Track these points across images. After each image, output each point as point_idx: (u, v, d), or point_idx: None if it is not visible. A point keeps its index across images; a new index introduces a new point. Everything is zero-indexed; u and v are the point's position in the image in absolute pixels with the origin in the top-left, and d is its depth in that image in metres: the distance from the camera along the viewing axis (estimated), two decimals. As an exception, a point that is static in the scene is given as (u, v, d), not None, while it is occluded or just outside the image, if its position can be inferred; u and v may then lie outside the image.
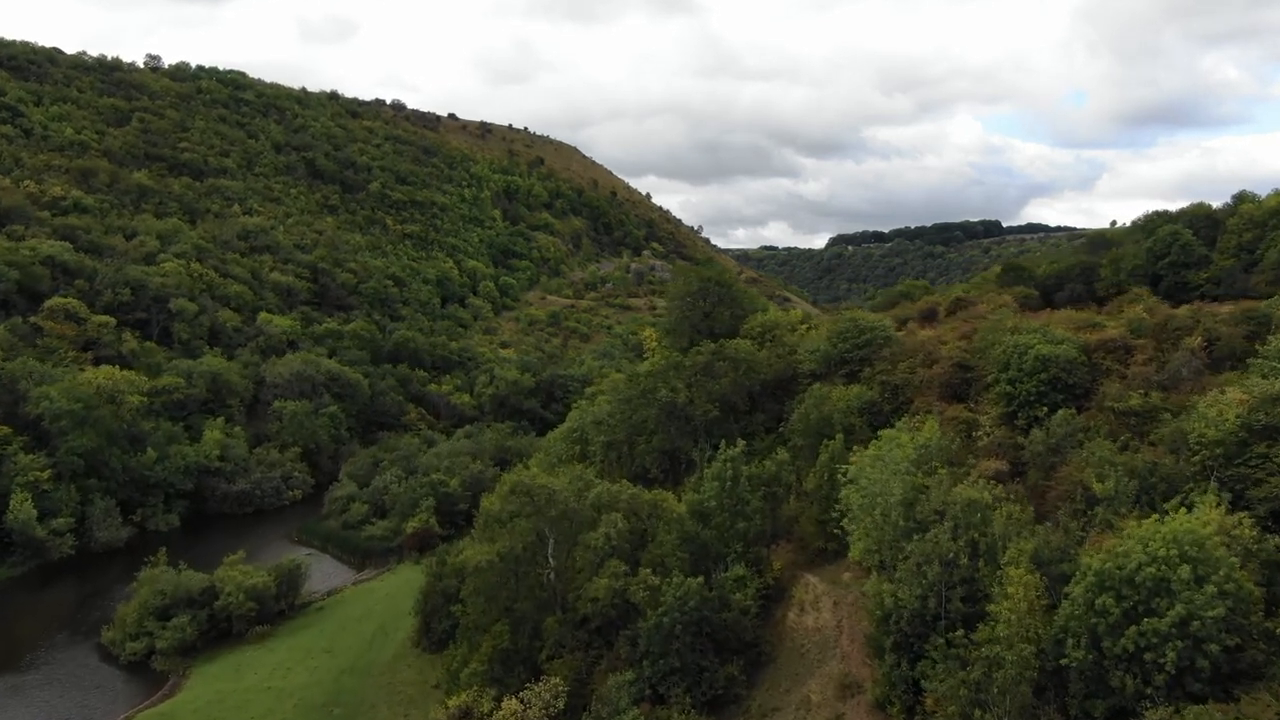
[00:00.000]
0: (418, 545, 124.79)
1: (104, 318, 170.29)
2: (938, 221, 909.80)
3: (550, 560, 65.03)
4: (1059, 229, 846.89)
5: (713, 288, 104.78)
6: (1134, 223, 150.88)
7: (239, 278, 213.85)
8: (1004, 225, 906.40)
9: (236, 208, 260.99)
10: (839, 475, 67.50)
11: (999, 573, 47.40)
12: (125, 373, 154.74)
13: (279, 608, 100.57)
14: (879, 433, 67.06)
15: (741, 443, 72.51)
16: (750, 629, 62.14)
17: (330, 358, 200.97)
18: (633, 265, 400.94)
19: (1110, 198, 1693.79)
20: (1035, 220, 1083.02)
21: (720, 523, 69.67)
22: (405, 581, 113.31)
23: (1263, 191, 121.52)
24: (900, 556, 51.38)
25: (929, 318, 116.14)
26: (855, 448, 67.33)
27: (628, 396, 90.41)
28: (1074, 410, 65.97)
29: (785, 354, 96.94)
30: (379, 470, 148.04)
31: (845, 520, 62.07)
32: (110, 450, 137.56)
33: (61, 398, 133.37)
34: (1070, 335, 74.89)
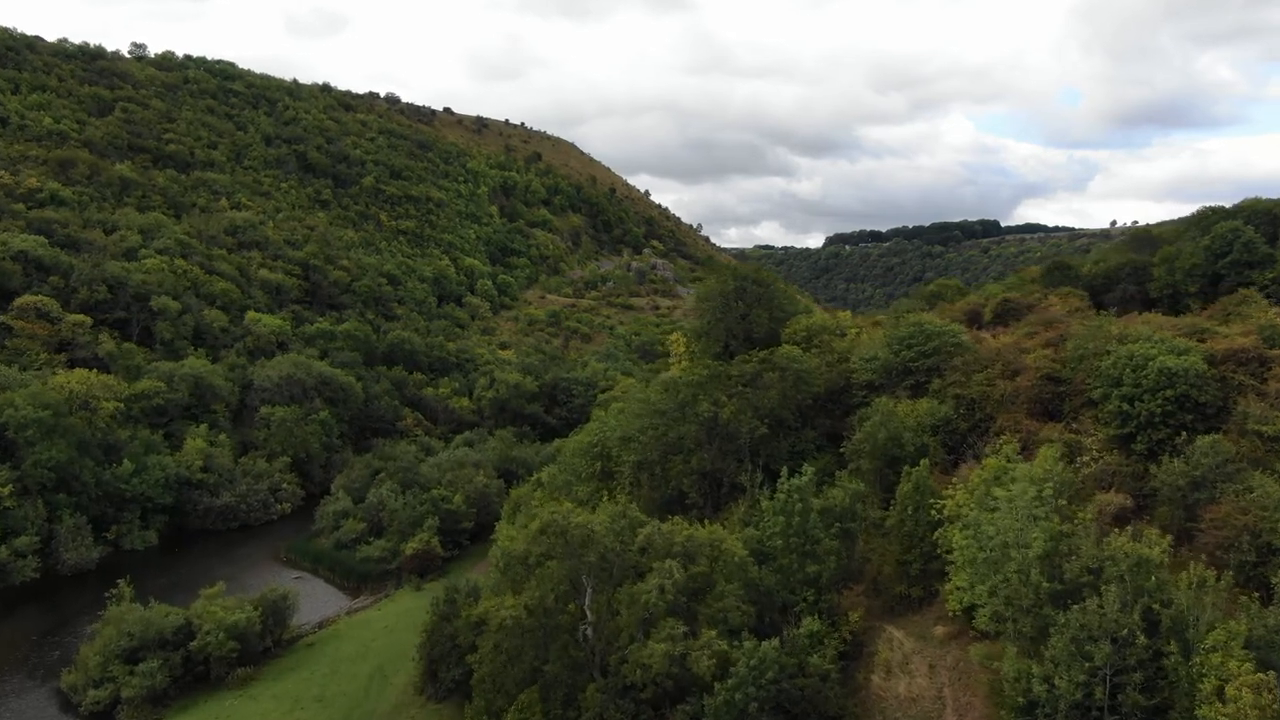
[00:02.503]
0: (418, 568, 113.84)
1: (79, 317, 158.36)
2: (932, 221, 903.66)
3: (588, 614, 54.07)
4: (1058, 229, 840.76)
5: (750, 287, 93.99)
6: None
7: (226, 275, 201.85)
8: (1002, 225, 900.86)
9: (224, 202, 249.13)
10: (931, 511, 56.86)
11: (1195, 660, 36.69)
12: (101, 376, 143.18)
13: (264, 645, 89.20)
14: (983, 461, 56.27)
15: (809, 469, 61.63)
16: (834, 700, 51.29)
17: (322, 359, 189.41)
18: (633, 264, 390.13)
19: (1103, 198, 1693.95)
20: (1028, 220, 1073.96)
21: (786, 565, 58.90)
22: (405, 611, 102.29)
23: (1255, 195, 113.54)
24: (1053, 628, 40.50)
25: (974, 321, 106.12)
26: (953, 480, 56.51)
27: (662, 410, 79.47)
28: (1217, 435, 55.20)
29: (835, 362, 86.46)
30: (375, 483, 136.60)
31: (955, 574, 51.23)
32: (82, 462, 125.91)
33: (27, 405, 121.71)
34: (1191, 345, 64.31)
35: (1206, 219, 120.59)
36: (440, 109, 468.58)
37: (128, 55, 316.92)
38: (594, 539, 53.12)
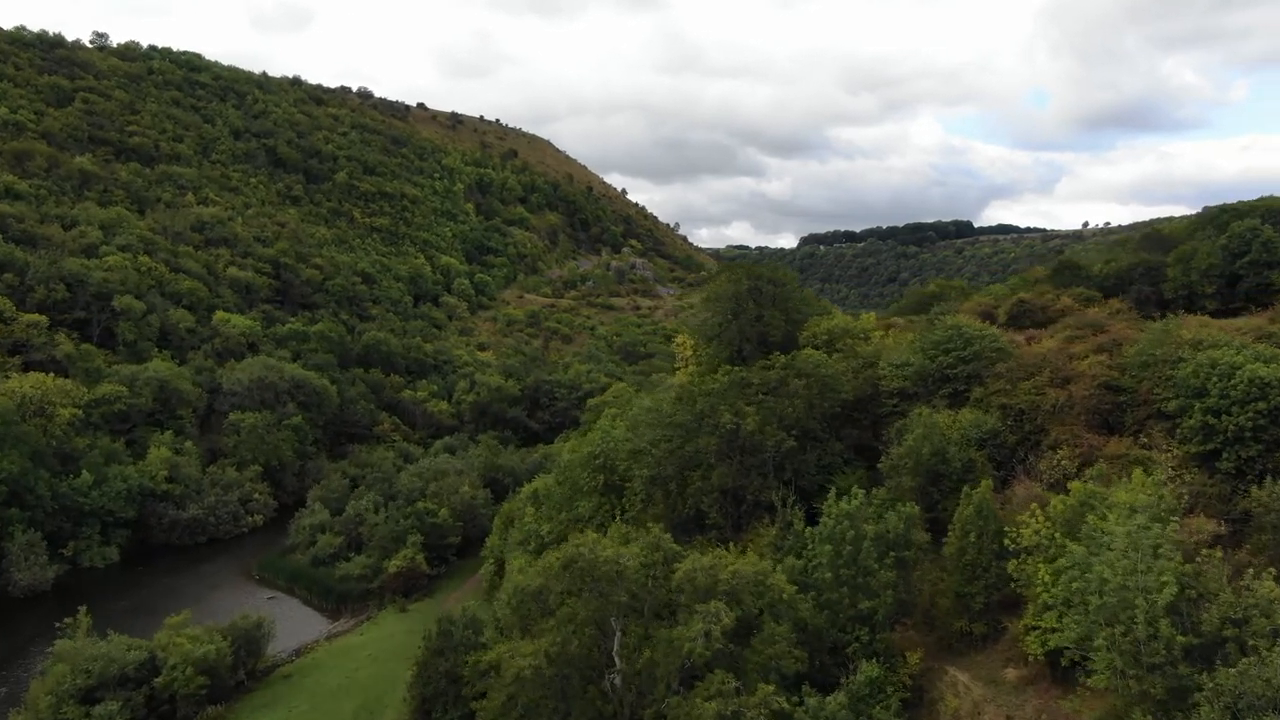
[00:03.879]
0: (402, 588, 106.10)
1: (35, 316, 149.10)
2: (901, 222, 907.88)
3: (616, 660, 47.10)
4: (1031, 230, 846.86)
5: (766, 286, 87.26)
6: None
7: (192, 273, 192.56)
8: (975, 226, 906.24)
9: (190, 197, 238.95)
10: (1006, 540, 50.39)
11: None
12: (58, 380, 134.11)
13: (236, 679, 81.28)
14: (1069, 485, 49.89)
15: (859, 491, 55.04)
16: (902, 761, 44.74)
17: (294, 362, 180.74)
18: (613, 263, 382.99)
19: (1069, 200, 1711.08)
20: (997, 221, 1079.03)
21: (834, 600, 52.25)
22: (389, 636, 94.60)
23: (1217, 199, 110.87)
24: (1199, 694, 34.02)
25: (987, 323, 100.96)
26: (1030, 503, 50.01)
27: (679, 421, 72.52)
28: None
29: (861, 368, 79.94)
30: (354, 494, 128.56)
31: (1036, 613, 44.76)
32: (36, 473, 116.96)
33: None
34: (1276, 352, 58.37)
35: (1219, 217, 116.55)
36: (414, 104, 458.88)
37: (89, 45, 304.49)
38: (625, 575, 46.16)
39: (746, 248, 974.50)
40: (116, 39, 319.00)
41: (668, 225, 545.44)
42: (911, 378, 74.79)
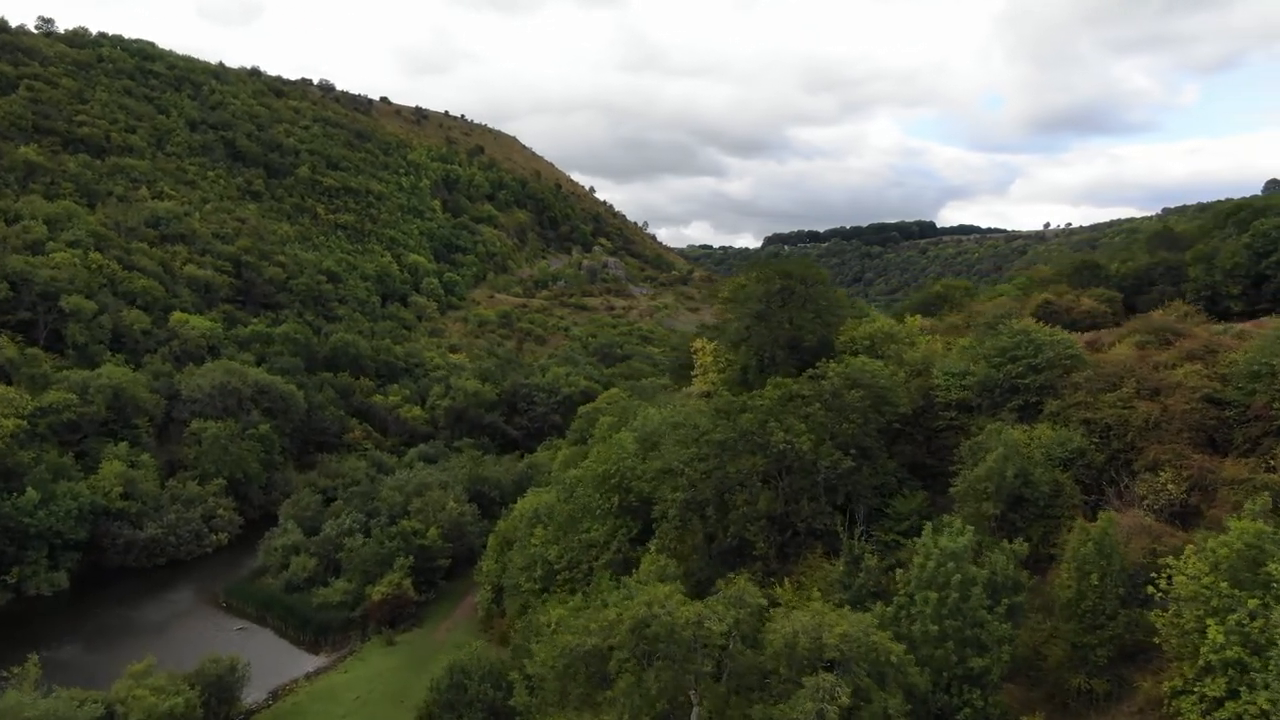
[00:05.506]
0: (388, 617, 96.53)
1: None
2: (861, 221, 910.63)
3: (695, 740, 38.74)
4: (993, 230, 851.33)
5: (797, 286, 79.31)
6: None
7: (147, 271, 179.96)
8: (937, 226, 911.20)
9: (144, 190, 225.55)
10: (1150, 587, 42.75)
11: None
12: (0, 388, 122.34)
13: (208, 733, 71.57)
14: (1226, 522, 42.29)
15: (966, 527, 47.09)
16: None
17: (258, 365, 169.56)
18: (584, 262, 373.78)
19: (1023, 202, 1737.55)
20: (954, 222, 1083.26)
21: (938, 657, 44.27)
22: (377, 675, 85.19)
23: (1167, 202, 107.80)
24: None
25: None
26: (1190, 549, 42.34)
27: (719, 439, 64.18)
28: None
29: (910, 377, 72.37)
30: (329, 511, 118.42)
31: (1191, 675, 37.26)
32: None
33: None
34: None
35: (1237, 215, 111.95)
36: (377, 98, 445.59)
37: (34, 30, 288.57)
38: (710, 639, 37.83)
39: (710, 247, 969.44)
40: (63, 26, 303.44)
41: (636, 224, 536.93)
42: (973, 388, 67.37)
